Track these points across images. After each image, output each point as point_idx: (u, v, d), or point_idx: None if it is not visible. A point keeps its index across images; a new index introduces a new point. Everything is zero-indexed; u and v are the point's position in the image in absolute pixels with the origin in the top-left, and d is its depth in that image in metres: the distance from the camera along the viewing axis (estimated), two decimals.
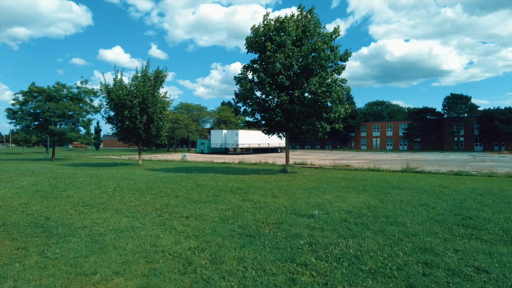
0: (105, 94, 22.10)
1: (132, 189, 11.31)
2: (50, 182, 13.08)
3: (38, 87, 29.51)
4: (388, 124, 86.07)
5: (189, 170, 19.16)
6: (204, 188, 11.35)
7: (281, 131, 17.22)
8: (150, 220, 6.93)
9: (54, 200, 9.27)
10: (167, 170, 19.24)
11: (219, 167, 21.98)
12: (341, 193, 10.28)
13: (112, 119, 23.27)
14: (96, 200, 9.24)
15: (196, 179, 13.95)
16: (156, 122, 22.65)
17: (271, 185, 12.15)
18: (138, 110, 21.54)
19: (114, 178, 14.69)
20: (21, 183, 12.99)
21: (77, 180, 13.70)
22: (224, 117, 78.64)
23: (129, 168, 21.22)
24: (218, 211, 7.74)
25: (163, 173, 17.16)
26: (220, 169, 19.68)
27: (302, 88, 15.17)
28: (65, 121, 30.92)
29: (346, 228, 6.24)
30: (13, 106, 29.13)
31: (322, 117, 16.14)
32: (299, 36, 15.89)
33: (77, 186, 12.05)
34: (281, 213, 7.43)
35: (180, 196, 9.78)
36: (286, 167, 17.40)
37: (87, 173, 17.08)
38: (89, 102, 32.28)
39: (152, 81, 22.42)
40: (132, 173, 17.19)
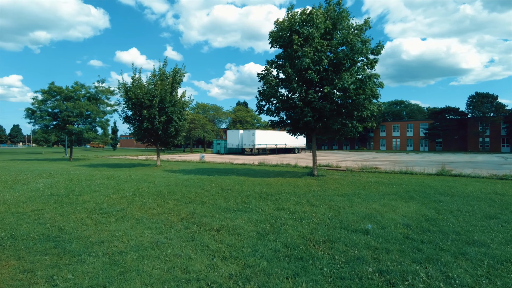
0: (123, 93, 21.45)
1: (152, 193, 10.43)
2: (66, 185, 12.36)
3: (57, 87, 29.27)
4: (408, 124, 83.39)
5: (209, 172, 18.25)
6: (230, 193, 10.35)
7: (308, 131, 16.08)
8: (176, 234, 5.96)
9: (69, 206, 8.45)
10: (187, 171, 18.39)
11: (239, 168, 21.01)
12: (386, 201, 9.09)
13: (129, 119, 22.62)
14: (114, 207, 8.37)
15: (220, 183, 12.98)
16: (175, 122, 21.86)
17: (302, 190, 11.05)
18: (157, 109, 20.78)
19: (132, 180, 13.90)
20: (37, 185, 12.33)
21: (94, 183, 12.95)
22: (240, 117, 77.87)
23: (148, 169, 20.50)
24: (253, 222, 6.72)
25: (183, 175, 16.30)
26: (242, 171, 18.70)
27: (333, 84, 14.01)
28: (83, 121, 30.61)
29: (415, 248, 5.10)
30: (32, 105, 29.00)
31: (353, 116, 14.93)
32: (328, 29, 14.72)
33: (94, 189, 11.27)
34: (328, 227, 6.34)
35: (206, 203, 8.81)
36: (313, 170, 16.25)
37: (105, 174, 16.39)
38: (106, 101, 31.90)
39: (170, 79, 21.65)
40: (151, 175, 16.39)
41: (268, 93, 15.16)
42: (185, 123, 23.14)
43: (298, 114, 14.59)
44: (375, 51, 15.04)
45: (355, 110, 14.71)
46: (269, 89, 15.35)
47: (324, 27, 14.42)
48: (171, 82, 21.55)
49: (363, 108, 14.55)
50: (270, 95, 15.16)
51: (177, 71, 22.47)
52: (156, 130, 21.38)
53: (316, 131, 16.14)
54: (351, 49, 14.24)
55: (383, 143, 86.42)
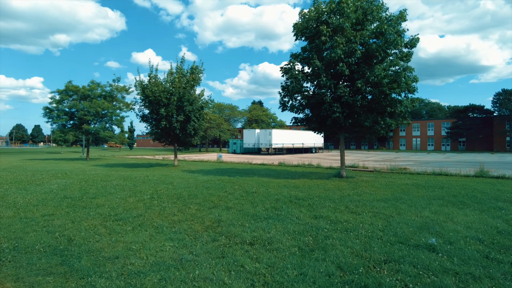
0: (140, 91, 20.82)
1: (172, 196, 9.58)
2: (80, 186, 11.68)
3: (74, 86, 29.05)
4: (429, 123, 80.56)
5: (229, 172, 17.37)
6: (257, 197, 9.39)
7: (336, 129, 14.96)
8: (203, 248, 5.04)
9: (82, 211, 7.68)
10: (206, 172, 17.56)
11: (260, 169, 20.05)
12: (436, 207, 7.94)
13: (146, 118, 22.00)
14: (131, 212, 7.54)
15: (242, 185, 12.05)
16: (193, 121, 21.09)
17: (335, 194, 9.98)
18: (175, 108, 20.06)
19: (150, 181, 13.14)
20: (51, 186, 11.70)
21: (109, 184, 12.24)
22: (255, 116, 76.95)
23: (165, 169, 19.79)
24: (290, 234, 5.73)
25: (202, 175, 15.46)
26: (263, 172, 17.73)
27: (365, 78, 12.87)
28: (99, 120, 30.30)
29: (509, 274, 4.01)
30: (49, 104, 28.87)
31: (386, 112, 13.75)
32: (359, 19, 13.57)
33: (110, 191, 10.52)
34: (382, 242, 5.29)
35: (232, 208, 7.87)
36: (342, 171, 15.10)
37: (121, 175, 15.72)
38: (122, 100, 31.49)
39: (190, 77, 20.89)
40: (169, 175, 15.62)
41: (293, 88, 14.11)
42: (204, 123, 22.36)
43: (326, 111, 13.50)
44: (410, 43, 13.80)
45: (388, 106, 13.53)
46: (294, 83, 14.31)
47: (355, 17, 13.30)
48: (190, 80, 20.78)
49: (397, 104, 13.35)
50: (295, 90, 14.10)
51: (195, 69, 21.73)
52: (174, 130, 20.67)
53: (345, 129, 15.02)
54: (385, 40, 13.08)
55: (402, 142, 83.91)
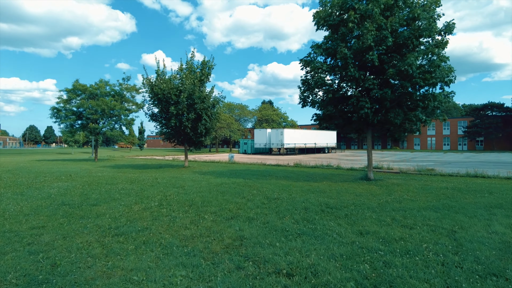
0: (148, 89, 19.73)
1: (183, 203, 8.34)
2: (82, 191, 10.55)
3: (81, 85, 28.17)
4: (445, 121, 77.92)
5: (244, 174, 16.11)
6: (281, 205, 8.08)
7: (363, 127, 13.57)
8: (226, 280, 3.76)
9: (78, 222, 6.49)
10: (219, 174, 16.33)
11: (276, 170, 18.73)
12: (504, 219, 6.50)
13: (155, 117, 20.91)
14: (135, 224, 6.32)
15: (261, 189, 10.76)
16: (204, 120, 19.91)
17: (371, 201, 8.61)
18: (185, 106, 18.90)
19: (159, 185, 11.95)
20: (50, 190, 10.60)
21: (114, 188, 11.09)
22: (266, 116, 75.58)
23: (175, 171, 18.65)
24: (337, 259, 4.39)
25: (215, 178, 14.22)
26: (280, 174, 16.42)
27: (396, 67, 11.45)
28: (107, 119, 29.36)
29: None
30: (57, 104, 28.03)
31: (417, 107, 12.32)
32: (389, 4, 12.15)
33: (113, 197, 9.35)
34: (465, 272, 3.91)
35: (254, 219, 6.58)
36: (369, 173, 13.68)
37: (128, 177, 14.60)
38: (131, 100, 30.44)
39: (198, 73, 19.71)
40: (180, 177, 14.44)
41: (316, 81, 12.72)
42: (216, 122, 21.18)
43: (353, 106, 12.12)
44: (446, 29, 12.30)
45: (421, 100, 12.09)
46: (316, 76, 12.94)
47: (384, 2, 11.89)
48: (199, 76, 19.60)
49: (431, 97, 11.89)
50: (318, 83, 12.70)
51: (205, 64, 20.55)
52: (184, 129, 19.51)
53: (372, 127, 13.62)
54: (418, 27, 11.65)
55: (417, 142, 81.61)
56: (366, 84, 11.73)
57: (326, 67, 12.42)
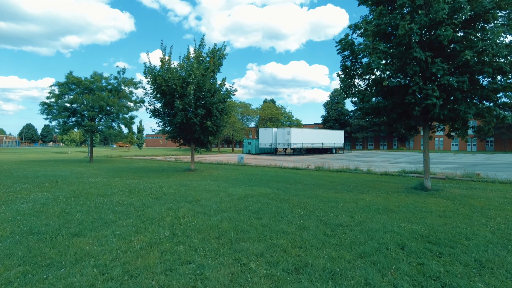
0: (151, 80, 17.00)
1: (206, 232, 5.65)
2: (65, 207, 7.84)
3: (76, 78, 25.32)
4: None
5: (265, 181, 13.43)
6: (356, 238, 5.35)
7: (421, 122, 10.92)
8: None
9: (42, 281, 3.83)
10: (235, 180, 13.63)
11: (300, 175, 16.04)
12: None
13: (158, 113, 18.21)
14: (138, 282, 3.66)
15: (304, 205, 8.07)
16: (215, 116, 17.22)
17: (478, 229, 5.93)
18: (193, 99, 16.20)
19: (165, 197, 9.26)
20: (22, 206, 7.90)
21: (108, 202, 8.40)
22: (270, 115, 72.74)
23: (182, 175, 15.95)
24: None
25: (234, 186, 11.53)
26: (309, 180, 13.75)
27: (475, 47, 8.79)
28: (104, 117, 26.53)
29: None
30: (47, 99, 25.15)
31: (496, 100, 9.73)
32: None
33: (105, 219, 6.66)
34: None
35: (340, 275, 3.90)
36: (426, 181, 10.99)
37: (126, 185, 11.91)
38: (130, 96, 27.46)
39: (210, 61, 17.01)
40: (190, 185, 11.74)
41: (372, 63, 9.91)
42: (228, 119, 18.51)
43: (414, 96, 9.46)
44: None
45: (502, 89, 9.48)
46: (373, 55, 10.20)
47: None
48: (211, 65, 16.88)
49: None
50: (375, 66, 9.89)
51: (216, 52, 17.80)
52: (192, 126, 16.82)
53: (429, 122, 11.00)
54: None
55: None
56: (433, 69, 9.05)
57: (383, 47, 9.61)
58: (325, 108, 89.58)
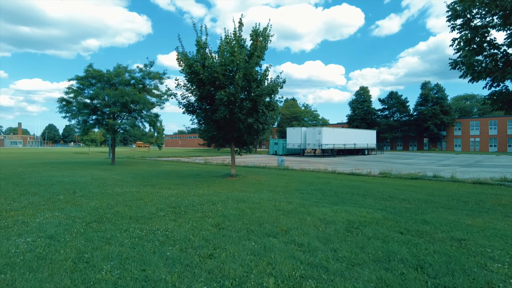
0: (185, 67, 14.02)
1: None
2: (82, 249, 4.80)
3: (97, 70, 22.70)
4: (492, 120, 70.06)
5: (347, 195, 10.20)
6: None
7: None
8: None
9: None
10: (302, 194, 10.42)
11: (377, 185, 12.68)
12: None
13: (193, 108, 15.24)
14: None
15: (479, 250, 4.85)
16: (262, 111, 14.14)
17: None
18: (240, 90, 13.14)
19: (231, 225, 6.14)
20: (16, 243, 4.98)
21: (150, 236, 5.34)
22: (294, 113, 69.18)
23: (226, 184, 12.90)
24: None
25: (313, 205, 8.31)
26: (405, 195, 10.41)
27: None
28: (126, 114, 23.83)
29: None
30: (66, 94, 22.58)
31: None
32: None
33: (155, 279, 3.63)
34: None
35: None
36: None
37: (165, 199, 8.92)
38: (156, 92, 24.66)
39: (256, 42, 13.90)
40: (249, 201, 8.63)
41: None
42: (276, 114, 15.38)
43: None
44: None
45: None
46: None
47: None
48: (259, 46, 13.77)
49: None
50: None
51: (258, 34, 14.60)
52: (235, 123, 13.77)
53: None
54: None
55: (458, 143, 74.02)
56: None
57: None
58: (351, 106, 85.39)
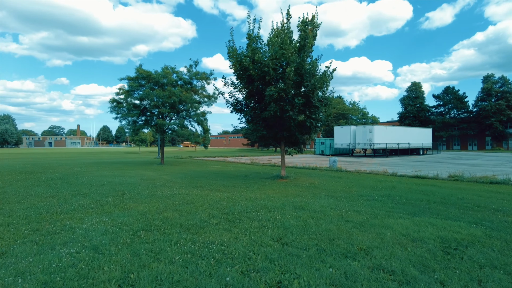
0: (233, 63, 13.28)
1: None
2: (127, 266, 4.07)
3: (145, 71, 22.95)
4: None
5: (421, 202, 8.75)
6: None
7: None
8: None
9: None
10: (367, 200, 9.15)
11: (453, 191, 10.95)
12: None
13: (240, 106, 14.49)
14: None
15: None
16: (314, 107, 13.00)
17: None
18: (292, 85, 12.13)
19: (294, 239, 5.15)
20: (60, 254, 4.44)
21: (203, 251, 4.52)
22: (341, 111, 66.44)
23: (278, 187, 11.97)
24: None
25: (385, 216, 7.04)
26: (499, 205, 8.78)
27: None
28: (175, 115, 23.91)
29: None
30: (117, 95, 23.14)
31: None
32: None
33: None
34: None
35: None
36: None
37: (215, 203, 8.19)
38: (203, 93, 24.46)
39: (309, 32, 12.79)
40: (308, 208, 7.59)
41: None
42: (330, 109, 14.17)
43: None
44: None
45: None
46: None
47: None
48: (310, 36, 12.66)
49: None
50: None
51: (307, 23, 13.36)
52: (285, 121, 12.77)
53: None
54: None
55: None
56: None
57: None
58: (402, 103, 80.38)
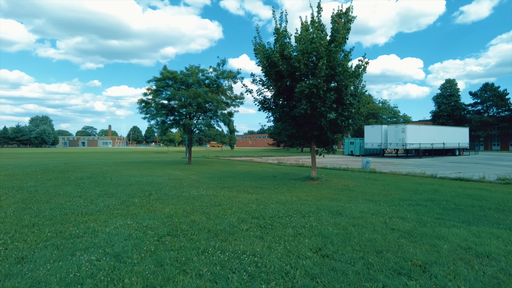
0: (261, 59, 12.77)
1: None
2: (152, 281, 3.72)
3: (170, 72, 22.89)
4: None
5: (473, 208, 7.85)
6: None
7: None
8: None
9: None
10: (410, 205, 8.30)
11: (502, 194, 9.93)
12: None
13: (268, 104, 13.94)
14: None
15: None
16: (348, 103, 12.24)
17: None
18: (323, 80, 11.45)
19: (336, 250, 4.53)
20: (79, 263, 4.08)
21: (234, 263, 3.98)
22: (372, 110, 64.23)
23: (308, 189, 11.32)
24: None
25: (436, 224, 6.21)
26: None
27: None
28: (202, 114, 23.74)
29: None
30: (145, 95, 23.31)
31: None
32: None
33: None
34: None
35: None
36: None
37: (245, 206, 7.69)
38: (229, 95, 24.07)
39: (339, 23, 12.03)
40: (345, 213, 6.90)
41: None
42: (362, 106, 13.33)
43: None
44: None
45: None
46: None
47: None
48: (341, 28, 11.89)
49: None
50: None
51: (341, 16, 12.63)
52: (316, 118, 12.08)
53: None
54: None
55: None
56: None
57: None
58: (435, 102, 76.63)
